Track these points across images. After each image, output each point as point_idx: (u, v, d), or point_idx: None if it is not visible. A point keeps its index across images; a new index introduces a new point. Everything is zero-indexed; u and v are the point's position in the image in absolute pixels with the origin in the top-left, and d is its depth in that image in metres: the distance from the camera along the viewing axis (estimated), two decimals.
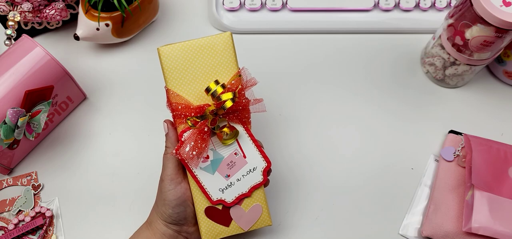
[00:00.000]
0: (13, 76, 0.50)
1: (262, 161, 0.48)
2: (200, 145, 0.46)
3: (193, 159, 0.46)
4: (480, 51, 0.55)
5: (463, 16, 0.53)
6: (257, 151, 0.48)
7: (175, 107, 0.46)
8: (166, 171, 0.48)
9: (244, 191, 0.48)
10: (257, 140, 0.49)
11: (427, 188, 0.57)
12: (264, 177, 0.48)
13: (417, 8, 0.66)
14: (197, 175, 0.48)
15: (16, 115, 0.49)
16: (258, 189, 0.49)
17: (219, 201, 0.48)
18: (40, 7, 0.56)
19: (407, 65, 0.65)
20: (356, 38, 0.66)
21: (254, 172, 0.48)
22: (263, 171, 0.48)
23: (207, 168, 0.48)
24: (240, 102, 0.46)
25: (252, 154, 0.48)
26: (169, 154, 0.48)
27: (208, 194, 0.48)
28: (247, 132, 0.48)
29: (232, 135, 0.47)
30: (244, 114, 0.47)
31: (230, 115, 0.47)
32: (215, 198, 0.48)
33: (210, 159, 0.48)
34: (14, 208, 0.54)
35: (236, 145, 0.48)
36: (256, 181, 0.48)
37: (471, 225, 0.50)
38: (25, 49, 0.51)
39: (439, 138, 0.60)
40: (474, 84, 0.64)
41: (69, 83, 0.55)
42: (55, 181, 0.56)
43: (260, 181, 0.48)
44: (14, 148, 0.53)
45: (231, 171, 0.48)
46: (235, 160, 0.48)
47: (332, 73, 0.64)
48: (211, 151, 0.48)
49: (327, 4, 0.65)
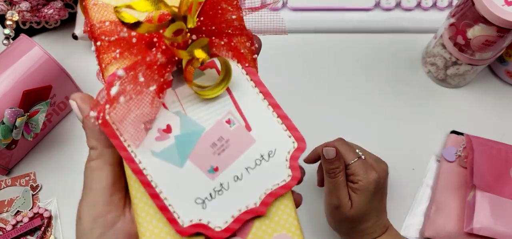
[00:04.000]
0: (11, 76, 0.50)
1: (286, 135, 0.26)
2: (149, 97, 0.24)
3: (135, 128, 0.24)
4: (482, 51, 0.54)
5: (464, 16, 0.53)
6: (273, 114, 0.26)
7: (101, 28, 0.24)
8: (87, 199, 0.27)
9: (252, 204, 0.25)
10: (271, 94, 0.27)
11: (428, 189, 0.56)
12: (294, 171, 0.25)
13: (419, 8, 0.65)
14: (146, 169, 0.24)
15: (14, 116, 0.49)
16: (282, 198, 0.25)
17: (197, 226, 0.24)
18: (38, 6, 0.56)
19: (408, 65, 0.64)
20: (356, 38, 0.65)
21: (270, 161, 0.25)
22: (290, 158, 0.26)
23: (167, 153, 0.24)
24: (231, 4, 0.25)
25: (264, 121, 0.26)
26: (86, 120, 0.25)
27: (170, 211, 0.24)
28: (249, 76, 0.26)
29: (221, 76, 0.25)
30: (241, 36, 0.26)
31: (212, 38, 0.25)
32: (187, 220, 0.24)
33: (173, 134, 0.24)
34: (12, 209, 0.54)
35: (228, 101, 0.26)
36: (277, 181, 0.25)
37: (472, 225, 0.50)
38: (23, 49, 0.51)
39: (440, 138, 0.59)
40: (476, 84, 0.63)
41: (68, 83, 0.55)
42: (54, 182, 0.56)
43: (285, 181, 0.25)
44: (13, 148, 0.53)
45: (221, 158, 0.25)
46: (227, 133, 0.25)
47: (332, 73, 0.63)
48: (176, 116, 0.25)
49: (327, 3, 0.65)
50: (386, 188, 0.49)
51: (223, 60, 0.25)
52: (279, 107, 0.26)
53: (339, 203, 0.46)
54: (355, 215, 0.45)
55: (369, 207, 0.46)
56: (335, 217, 0.47)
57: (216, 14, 0.25)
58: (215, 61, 0.26)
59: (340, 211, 0.46)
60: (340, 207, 0.46)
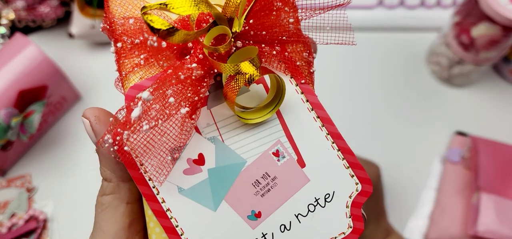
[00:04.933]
0: (6, 76, 0.49)
1: (347, 174, 0.22)
2: (179, 119, 0.19)
3: (160, 157, 0.19)
4: (487, 50, 0.54)
5: (469, 14, 0.53)
6: (333, 146, 0.22)
7: (123, 26, 0.20)
8: None
9: None
10: (331, 121, 0.23)
11: (432, 191, 0.56)
12: (355, 222, 0.22)
13: (422, 6, 0.64)
14: (170, 210, 0.20)
15: (9, 116, 0.48)
16: None
17: None
18: (34, 4, 0.55)
19: (411, 64, 0.63)
20: (359, 37, 0.64)
21: (327, 206, 0.21)
22: (351, 204, 0.22)
23: (198, 191, 0.20)
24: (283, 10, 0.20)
25: (321, 155, 0.22)
26: (101, 145, 0.20)
27: None
28: (306, 96, 0.22)
29: (271, 96, 0.20)
30: (297, 43, 0.21)
31: (261, 45, 0.20)
32: None
33: (207, 166, 0.20)
34: (7, 211, 0.53)
35: (277, 128, 0.21)
36: (335, 234, 0.21)
37: (477, 228, 0.49)
38: (19, 48, 0.50)
39: (444, 139, 0.58)
40: (480, 84, 0.63)
41: (64, 83, 0.54)
42: (50, 184, 0.55)
43: (345, 234, 0.22)
44: (8, 149, 0.52)
45: (265, 201, 0.20)
46: (274, 169, 0.21)
47: (334, 72, 0.62)
48: (211, 143, 0.20)
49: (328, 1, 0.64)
50: (381, 190, 0.48)
51: (275, 77, 0.19)
52: (341, 138, 0.22)
53: None
54: None
55: (365, 212, 0.45)
56: None
57: (268, 16, 0.19)
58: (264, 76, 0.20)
59: None
60: None
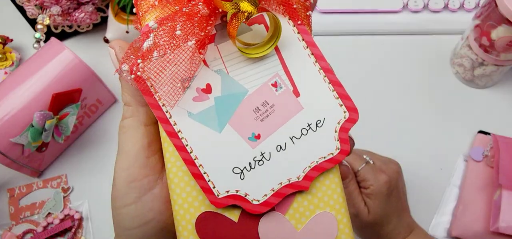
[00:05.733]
0: (40, 80, 0.50)
1: (336, 104, 0.24)
2: (188, 52, 0.21)
3: (171, 85, 0.21)
4: (507, 51, 0.55)
5: (489, 17, 0.53)
6: (325, 80, 0.24)
7: None
8: (120, 161, 0.24)
9: (295, 178, 0.23)
10: (324, 57, 0.24)
11: (456, 188, 0.57)
12: (342, 144, 0.23)
13: (446, 9, 0.66)
14: (181, 131, 0.22)
15: (43, 118, 0.49)
16: (328, 172, 0.23)
17: (233, 197, 0.22)
18: (69, 10, 0.56)
19: (436, 66, 0.64)
20: (385, 40, 0.66)
21: (318, 131, 0.23)
22: (339, 129, 0.23)
23: (206, 115, 0.22)
24: None
25: (314, 87, 0.24)
26: (121, 77, 0.23)
27: (205, 179, 0.22)
28: (301, 35, 0.23)
29: (269, 34, 0.23)
30: None
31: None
32: (222, 190, 0.22)
33: (213, 94, 0.22)
34: (43, 211, 0.54)
35: (275, 62, 0.23)
36: (324, 154, 0.23)
37: (498, 225, 0.50)
38: (53, 52, 0.51)
39: (468, 138, 0.60)
40: (503, 84, 0.64)
41: (99, 86, 0.55)
42: (85, 184, 0.56)
43: (333, 154, 0.23)
44: (43, 151, 0.53)
45: (264, 125, 0.23)
46: (273, 97, 0.23)
47: (361, 75, 0.63)
48: (217, 75, 0.23)
49: (356, 6, 0.65)
50: (401, 187, 0.49)
51: (272, 16, 0.22)
52: (332, 72, 0.24)
53: (356, 211, 0.46)
54: (375, 220, 0.46)
55: (387, 209, 0.46)
56: (356, 225, 0.47)
57: None
58: (264, 16, 0.23)
59: (359, 218, 0.46)
60: (358, 215, 0.46)
